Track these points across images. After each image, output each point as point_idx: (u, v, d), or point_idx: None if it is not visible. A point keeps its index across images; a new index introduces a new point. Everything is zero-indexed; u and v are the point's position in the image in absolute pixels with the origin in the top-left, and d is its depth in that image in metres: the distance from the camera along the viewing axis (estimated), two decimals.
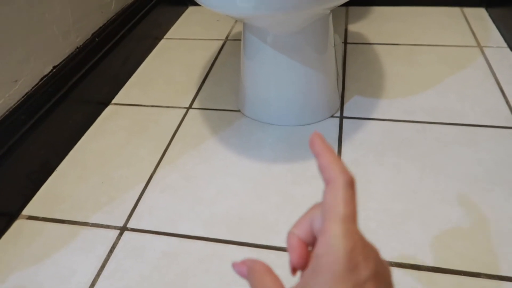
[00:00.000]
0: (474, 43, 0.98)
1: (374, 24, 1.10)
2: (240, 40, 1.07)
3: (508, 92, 0.81)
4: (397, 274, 0.53)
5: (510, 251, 0.54)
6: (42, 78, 0.72)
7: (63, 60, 0.77)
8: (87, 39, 0.84)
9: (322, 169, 0.24)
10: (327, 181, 0.23)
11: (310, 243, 0.25)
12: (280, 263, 0.55)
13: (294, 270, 0.25)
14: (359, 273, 0.21)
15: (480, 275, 0.52)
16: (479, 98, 0.81)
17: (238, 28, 1.15)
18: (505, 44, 0.96)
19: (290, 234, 0.25)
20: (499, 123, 0.74)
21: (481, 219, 0.59)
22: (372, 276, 0.21)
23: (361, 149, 0.72)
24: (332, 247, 0.21)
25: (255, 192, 0.66)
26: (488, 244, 0.56)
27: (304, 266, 0.25)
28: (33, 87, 0.70)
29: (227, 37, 1.11)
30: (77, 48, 0.81)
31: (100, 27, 0.88)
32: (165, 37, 1.13)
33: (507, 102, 0.79)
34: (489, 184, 0.64)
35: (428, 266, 0.54)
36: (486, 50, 0.95)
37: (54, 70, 0.75)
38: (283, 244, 0.58)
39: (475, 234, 0.57)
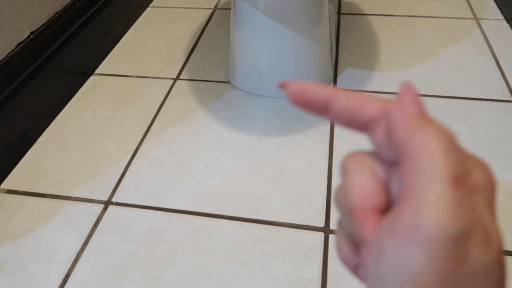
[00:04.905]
0: (470, 15, 0.95)
1: None
2: (229, 9, 1.02)
3: (504, 66, 0.80)
4: None
5: (504, 225, 0.54)
6: (18, 45, 0.68)
7: (41, 25, 0.72)
8: (67, 4, 0.79)
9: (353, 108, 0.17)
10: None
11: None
12: (270, 238, 0.54)
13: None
14: (470, 175, 0.15)
15: None
16: (475, 72, 0.79)
17: None
18: (501, 17, 0.94)
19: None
20: (494, 97, 0.73)
21: None
22: (484, 186, 0.15)
23: None
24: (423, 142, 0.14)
25: (246, 165, 0.64)
26: None
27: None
28: (8, 54, 0.66)
29: (216, 6, 1.06)
30: (56, 13, 0.76)
31: None
32: (151, 5, 1.08)
33: (503, 75, 0.77)
34: (484, 158, 0.62)
35: None
36: (482, 23, 0.92)
37: (31, 36, 0.70)
38: (273, 218, 0.56)
39: None
